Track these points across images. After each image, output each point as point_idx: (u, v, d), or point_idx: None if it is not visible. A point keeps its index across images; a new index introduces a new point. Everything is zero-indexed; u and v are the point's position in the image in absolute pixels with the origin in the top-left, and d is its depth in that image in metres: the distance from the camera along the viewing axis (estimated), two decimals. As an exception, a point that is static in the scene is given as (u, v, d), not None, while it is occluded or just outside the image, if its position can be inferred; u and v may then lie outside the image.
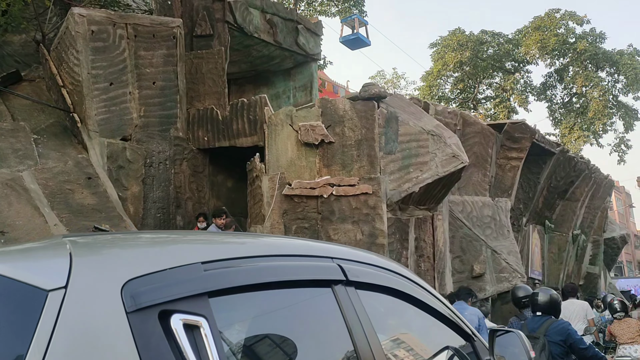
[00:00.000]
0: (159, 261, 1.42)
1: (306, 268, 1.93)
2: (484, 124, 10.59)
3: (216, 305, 1.42)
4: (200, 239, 2.13)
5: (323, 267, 1.95)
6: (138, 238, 2.01)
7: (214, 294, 1.44)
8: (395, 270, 2.43)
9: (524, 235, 12.45)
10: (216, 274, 1.50)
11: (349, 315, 1.89)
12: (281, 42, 11.33)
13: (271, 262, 1.79)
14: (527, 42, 34.67)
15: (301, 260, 1.97)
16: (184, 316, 1.30)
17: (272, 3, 11.35)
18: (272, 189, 7.79)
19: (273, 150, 8.34)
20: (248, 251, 1.84)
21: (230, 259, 1.65)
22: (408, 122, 8.24)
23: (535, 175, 12.18)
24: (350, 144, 8.11)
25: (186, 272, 1.41)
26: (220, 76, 9.77)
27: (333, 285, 1.89)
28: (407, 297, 2.33)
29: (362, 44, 17.40)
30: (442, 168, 8.05)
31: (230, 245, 1.94)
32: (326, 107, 8.33)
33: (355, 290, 1.95)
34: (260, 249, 1.96)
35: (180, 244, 1.85)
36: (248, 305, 1.71)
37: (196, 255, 1.52)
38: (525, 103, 36.04)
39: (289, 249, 2.09)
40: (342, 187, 7.79)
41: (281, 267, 1.82)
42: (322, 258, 2.03)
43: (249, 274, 1.65)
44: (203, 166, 9.61)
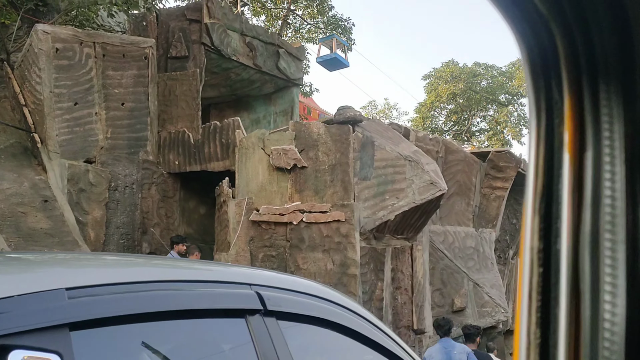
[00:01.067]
0: (10, 286, 1.19)
1: (212, 296, 1.66)
2: (467, 152, 10.33)
3: (84, 339, 1.21)
4: (77, 260, 1.84)
5: (235, 295, 1.69)
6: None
7: (82, 325, 1.22)
8: (332, 299, 2.13)
9: (511, 269, 12.09)
10: (86, 302, 1.26)
11: (264, 349, 1.61)
12: (261, 66, 11.14)
13: (168, 289, 1.53)
14: (520, 74, 34.78)
15: (207, 287, 1.69)
16: (27, 353, 1.10)
17: (252, 26, 11.20)
18: (238, 215, 7.47)
19: (243, 175, 8.04)
20: (138, 275, 1.55)
21: (110, 285, 1.37)
22: (385, 147, 7.97)
23: (522, 206, 11.87)
24: (324, 168, 7.82)
25: (42, 299, 1.19)
26: (194, 98, 9.53)
27: (247, 316, 1.65)
28: (345, 330, 2.06)
29: (340, 65, 17.10)
30: (419, 195, 7.75)
31: (115, 269, 1.65)
32: (300, 130, 8.07)
33: (276, 321, 1.72)
34: (155, 273, 1.67)
35: (47, 266, 1.58)
36: (133, 339, 1.43)
37: (62, 280, 1.28)
38: (519, 136, 36.06)
39: (193, 274, 1.80)
40: (313, 214, 7.47)
41: (180, 295, 1.54)
42: (237, 284, 1.76)
43: (134, 302, 1.39)
44: (173, 191, 9.29)
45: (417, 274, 8.72)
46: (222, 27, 10.21)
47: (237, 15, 10.90)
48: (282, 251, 7.37)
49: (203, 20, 9.90)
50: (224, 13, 10.34)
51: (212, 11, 10.04)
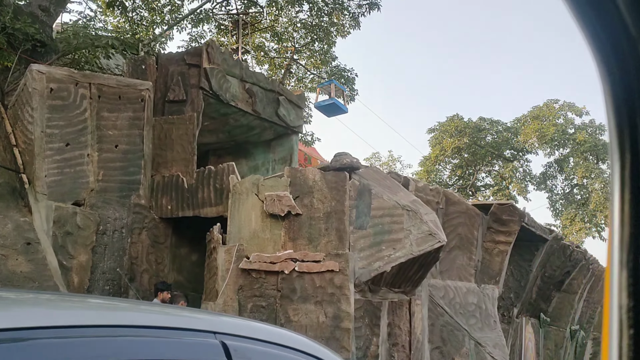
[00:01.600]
0: None
1: (167, 344, 1.41)
2: (469, 204, 10.11)
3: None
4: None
5: (195, 344, 1.48)
6: None
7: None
8: (313, 353, 1.88)
9: (516, 328, 11.68)
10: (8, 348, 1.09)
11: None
12: (260, 112, 11.07)
13: (109, 335, 1.31)
14: (525, 130, 34.91)
15: (162, 334, 1.45)
16: None
17: (252, 72, 11.21)
18: (228, 262, 7.21)
19: (235, 221, 7.83)
20: (74, 318, 1.33)
21: (32, 329, 1.15)
22: (382, 196, 7.77)
23: (527, 262, 11.57)
24: (319, 216, 7.61)
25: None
26: (190, 142, 9.42)
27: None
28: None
29: (339, 111, 16.88)
30: (417, 247, 7.49)
31: (52, 310, 1.43)
32: (295, 176, 7.90)
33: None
34: (94, 316, 1.44)
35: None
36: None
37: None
38: (525, 192, 35.84)
39: (148, 318, 1.56)
40: (305, 263, 7.21)
41: (125, 343, 1.31)
42: (199, 332, 1.52)
43: (59, 350, 1.17)
44: (165, 237, 9.06)
45: (416, 330, 8.37)
46: (222, 72, 10.19)
47: (237, 61, 10.91)
48: (272, 302, 7.08)
49: (202, 65, 9.89)
50: (223, 59, 10.35)
51: (211, 56, 10.05)
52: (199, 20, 15.25)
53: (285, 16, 16.63)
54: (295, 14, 16.15)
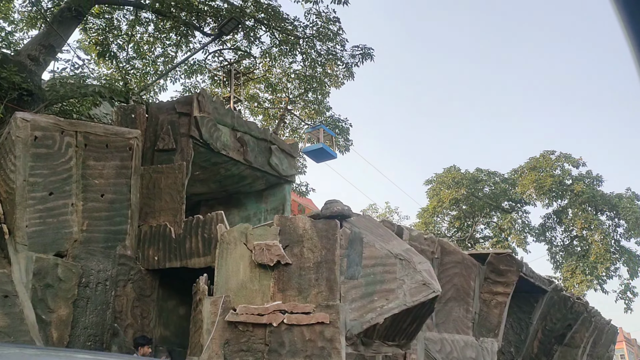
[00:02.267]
0: None
1: None
2: (465, 253, 9.90)
3: None
4: None
5: None
6: None
7: None
8: None
9: (517, 384, 11.26)
10: None
11: None
12: (252, 162, 10.98)
13: None
14: (523, 181, 34.90)
15: None
16: None
17: (243, 121, 11.18)
18: (214, 314, 6.95)
19: (223, 271, 7.60)
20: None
21: None
22: (374, 245, 7.57)
23: (527, 314, 11.27)
24: (309, 266, 7.39)
25: None
26: (179, 192, 9.27)
27: None
28: None
29: (327, 157, 16.77)
30: (410, 297, 7.25)
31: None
32: (285, 225, 7.73)
33: None
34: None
35: None
36: None
37: None
38: (524, 243, 35.55)
39: None
40: (294, 315, 6.95)
41: None
42: None
43: None
44: (151, 289, 8.79)
45: (411, 386, 8.02)
46: (212, 121, 10.15)
47: (228, 110, 10.90)
48: (259, 356, 6.78)
49: (193, 113, 9.85)
50: (214, 107, 10.32)
51: (202, 105, 10.03)
52: (192, 71, 15.38)
53: (279, 67, 16.81)
54: (288, 65, 16.33)
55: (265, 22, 13.42)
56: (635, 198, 33.89)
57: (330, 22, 13.94)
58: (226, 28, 12.09)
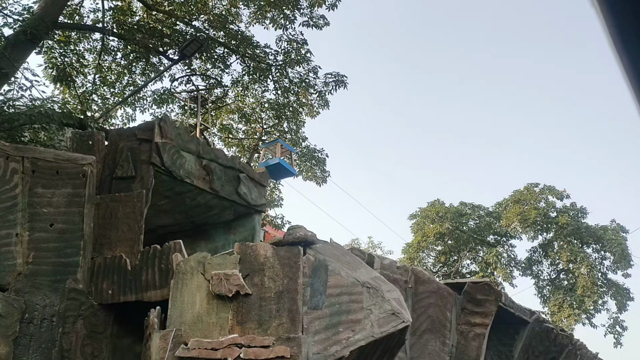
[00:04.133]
0: None
1: None
2: (441, 283, 9.49)
3: None
4: None
5: None
6: None
7: None
8: None
9: (501, 422, 10.72)
10: None
11: None
12: (218, 190, 10.58)
13: None
14: (507, 215, 34.70)
15: None
16: None
17: (209, 149, 10.83)
18: (163, 350, 6.45)
19: (177, 303, 7.12)
20: None
21: None
22: (340, 272, 7.15)
23: (508, 347, 10.80)
24: (270, 296, 6.94)
25: None
26: (137, 221, 8.82)
27: None
28: None
29: (286, 173, 15.88)
30: (378, 328, 6.81)
31: None
32: (245, 253, 7.30)
33: None
34: None
35: None
36: None
37: None
38: (510, 278, 35.22)
39: None
40: (252, 349, 6.47)
41: None
42: None
43: None
44: (105, 325, 8.25)
45: None
46: (175, 147, 9.78)
47: (193, 137, 10.56)
48: (212, 396, 6.26)
49: (154, 139, 9.48)
50: (178, 134, 9.97)
51: (164, 131, 9.66)
52: (162, 100, 15.07)
53: (252, 96, 16.56)
54: (261, 94, 16.07)
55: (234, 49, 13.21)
56: (620, 230, 33.79)
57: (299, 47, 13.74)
58: (188, 50, 11.82)
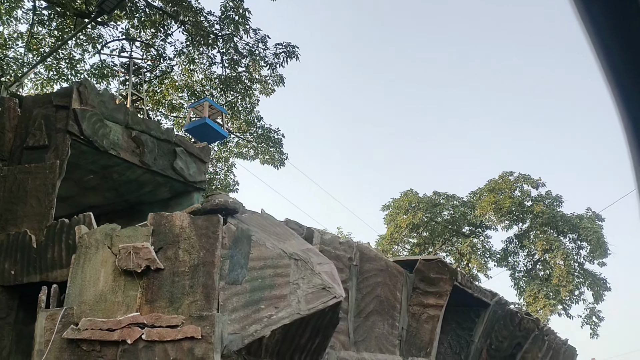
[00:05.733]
0: None
1: None
2: (390, 260, 8.79)
3: None
4: None
5: None
6: None
7: None
8: None
9: (460, 412, 10.08)
10: None
11: None
12: (150, 165, 9.77)
13: None
14: (482, 204, 34.25)
15: None
16: None
17: (140, 119, 10.00)
18: (49, 332, 5.66)
19: (77, 281, 6.33)
20: None
21: None
22: (264, 243, 6.41)
23: (467, 331, 10.16)
24: (184, 270, 6.19)
25: None
26: (48, 194, 8.01)
27: None
28: None
29: (215, 135, 14.12)
30: (306, 304, 6.08)
31: None
32: (160, 224, 6.54)
33: None
34: None
35: None
36: None
37: None
38: (485, 269, 34.85)
39: None
40: (157, 329, 5.71)
41: None
42: None
43: None
44: (7, 310, 7.46)
45: (318, 416, 6.79)
46: (98, 115, 8.95)
47: (120, 106, 9.70)
48: (108, 382, 5.49)
49: (72, 105, 8.64)
50: (101, 101, 9.14)
51: (84, 97, 8.84)
52: (102, 75, 14.17)
53: (200, 72, 15.70)
54: (208, 67, 15.19)
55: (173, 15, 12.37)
56: (596, 218, 33.54)
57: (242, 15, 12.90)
58: (107, 5, 10.92)
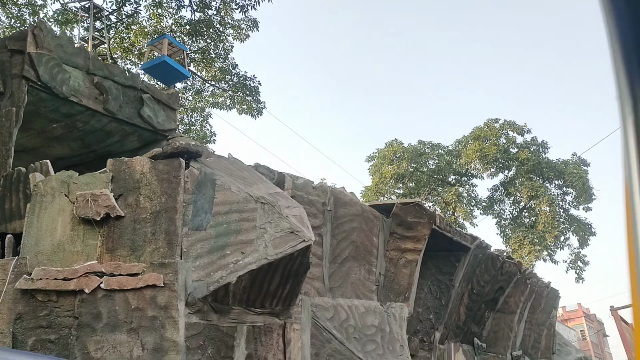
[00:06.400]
0: None
1: None
2: (365, 205, 8.59)
3: None
4: None
5: None
6: None
7: None
8: None
9: (440, 356, 10.08)
10: None
11: None
12: (115, 112, 9.40)
13: None
14: (467, 152, 34.09)
15: None
16: None
17: (102, 64, 9.57)
18: (1, 282, 5.41)
19: (33, 230, 6.06)
20: None
21: None
22: (230, 187, 6.16)
23: (447, 276, 10.07)
24: (145, 217, 5.94)
25: None
26: (5, 143, 7.68)
27: None
28: None
29: (176, 75, 12.96)
30: (273, 249, 5.88)
31: None
32: (120, 170, 6.27)
33: None
34: None
35: None
36: None
37: None
38: (471, 217, 34.91)
39: None
40: (116, 278, 5.48)
41: None
42: None
43: None
44: (-34, 265, 7.14)
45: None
46: (56, 60, 8.53)
47: (80, 49, 9.27)
48: (66, 333, 5.29)
49: (27, 49, 8.21)
50: (59, 44, 8.70)
51: (40, 40, 8.40)
52: (66, 21, 13.59)
53: (169, 16, 15.12)
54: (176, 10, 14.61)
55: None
56: (581, 163, 33.55)
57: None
58: None
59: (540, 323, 14.67)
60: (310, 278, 7.44)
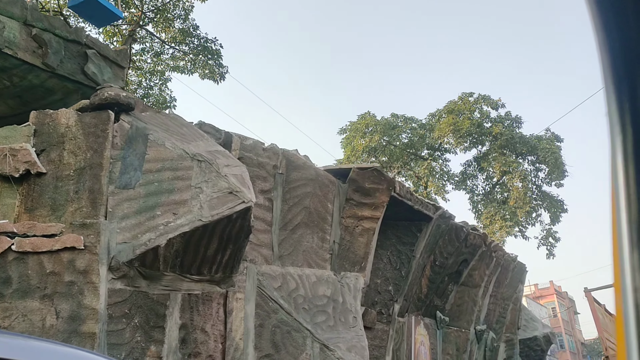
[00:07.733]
0: None
1: None
2: (320, 169, 8.15)
3: None
4: None
5: None
6: None
7: None
8: None
9: (400, 329, 9.77)
10: None
11: None
12: (55, 67, 8.78)
13: None
14: (440, 126, 33.84)
15: None
16: None
17: (42, 16, 8.93)
18: None
19: (-57, 187, 5.50)
20: None
21: None
22: (164, 143, 5.68)
23: (408, 247, 9.72)
24: (69, 174, 5.44)
25: None
26: None
27: None
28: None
29: (108, 15, 11.48)
30: (209, 210, 5.43)
31: None
32: (43, 123, 5.75)
33: None
34: None
35: None
36: None
37: None
38: (443, 192, 34.78)
39: None
40: (30, 239, 4.99)
41: None
42: None
43: None
44: None
45: (233, 335, 6.29)
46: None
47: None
48: (-30, 299, 4.79)
49: (-48, -5, 7.55)
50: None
51: (-33, -15, 7.72)
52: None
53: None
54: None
55: None
56: (554, 139, 33.54)
57: None
58: None
59: (506, 297, 14.50)
60: (257, 245, 7.02)
